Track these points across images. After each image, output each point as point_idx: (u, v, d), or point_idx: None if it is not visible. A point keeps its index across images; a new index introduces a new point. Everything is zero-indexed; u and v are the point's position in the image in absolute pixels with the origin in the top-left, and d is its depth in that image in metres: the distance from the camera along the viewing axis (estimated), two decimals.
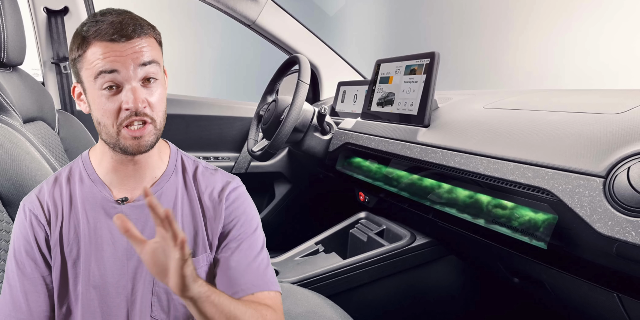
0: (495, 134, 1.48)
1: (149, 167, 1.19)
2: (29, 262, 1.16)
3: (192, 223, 1.21)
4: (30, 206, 1.19)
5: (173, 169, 1.23)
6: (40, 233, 1.17)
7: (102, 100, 1.06)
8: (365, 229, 2.25)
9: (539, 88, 2.03)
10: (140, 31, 1.07)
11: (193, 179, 1.24)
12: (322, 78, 3.15)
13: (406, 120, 1.88)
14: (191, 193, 1.23)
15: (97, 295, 1.17)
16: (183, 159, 1.27)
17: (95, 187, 1.19)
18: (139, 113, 1.06)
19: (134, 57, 1.05)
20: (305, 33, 3.02)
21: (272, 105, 2.42)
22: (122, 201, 1.18)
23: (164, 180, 1.21)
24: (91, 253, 1.17)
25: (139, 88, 1.05)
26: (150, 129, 1.09)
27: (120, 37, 1.04)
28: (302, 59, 2.28)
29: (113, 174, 1.18)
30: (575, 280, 1.24)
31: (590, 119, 1.29)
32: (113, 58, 1.04)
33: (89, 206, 1.18)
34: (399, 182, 1.82)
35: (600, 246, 1.09)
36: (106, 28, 1.04)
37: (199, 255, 1.20)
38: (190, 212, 1.22)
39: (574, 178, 1.15)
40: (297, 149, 2.53)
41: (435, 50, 1.81)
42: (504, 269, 1.63)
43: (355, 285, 1.95)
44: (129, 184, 1.19)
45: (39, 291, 1.17)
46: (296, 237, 1.72)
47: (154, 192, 1.19)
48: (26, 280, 1.16)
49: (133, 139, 1.08)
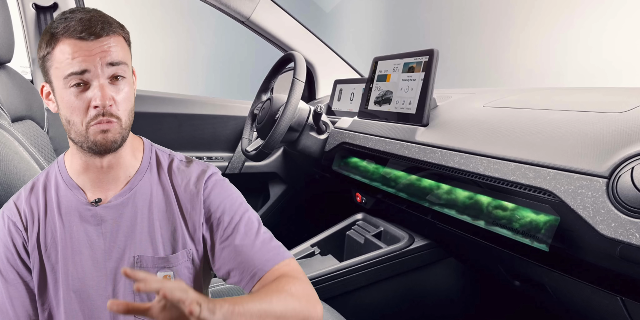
0: (495, 133, 1.48)
1: (122, 167, 1.21)
2: (11, 268, 1.20)
3: (168, 219, 1.22)
4: (8, 213, 1.22)
5: (147, 166, 1.25)
6: (18, 239, 1.20)
7: (70, 98, 1.08)
8: (362, 230, 2.25)
9: (541, 86, 2.03)
10: (109, 29, 1.08)
11: (168, 174, 1.26)
12: (318, 76, 3.14)
13: (404, 119, 1.88)
14: (166, 188, 1.24)
15: (79, 298, 1.19)
16: (157, 154, 1.29)
17: (70, 191, 1.21)
18: (106, 113, 1.07)
19: (102, 56, 1.06)
20: (300, 30, 3.01)
21: (267, 104, 2.42)
22: (96, 202, 1.19)
23: (138, 178, 1.23)
24: (69, 257, 1.19)
25: (106, 85, 1.07)
26: (115, 127, 1.10)
27: (89, 35, 1.05)
28: (297, 57, 2.28)
29: (85, 175, 1.20)
30: (578, 284, 1.24)
31: (593, 118, 1.29)
32: (82, 58, 1.05)
33: (65, 210, 1.20)
34: (397, 183, 1.82)
35: (603, 248, 1.09)
36: (74, 25, 1.06)
37: (178, 252, 1.22)
38: (166, 208, 1.23)
39: (576, 178, 1.15)
40: (292, 149, 2.53)
41: (434, 48, 1.81)
42: (504, 271, 1.63)
43: (352, 288, 1.95)
44: (103, 185, 1.21)
45: (23, 296, 1.20)
46: (291, 239, 1.71)
47: (128, 191, 1.21)
48: (10, 286, 1.19)
49: (101, 132, 1.09)
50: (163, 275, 1.20)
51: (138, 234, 1.20)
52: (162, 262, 1.21)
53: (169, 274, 1.21)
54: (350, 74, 3.13)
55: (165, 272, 1.21)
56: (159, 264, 1.21)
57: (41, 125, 2.04)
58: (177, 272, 1.22)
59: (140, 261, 1.20)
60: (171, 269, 1.21)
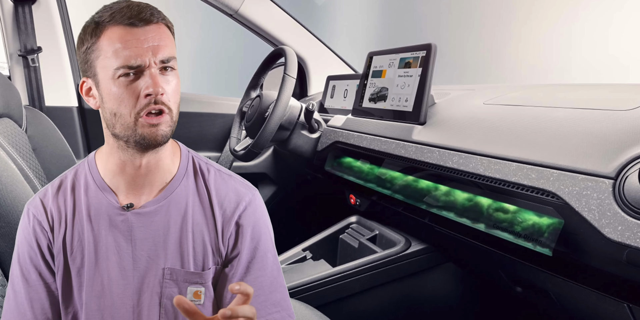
0: (496, 132, 1.48)
1: (160, 170, 1.20)
2: (33, 269, 1.19)
3: (204, 231, 1.22)
4: (34, 211, 1.21)
5: (184, 173, 1.24)
6: (43, 239, 1.19)
7: (120, 88, 1.07)
8: (356, 234, 2.24)
9: (544, 82, 2.03)
10: (159, 16, 1.10)
11: (205, 184, 1.25)
12: (310, 72, 3.14)
13: (400, 117, 1.87)
14: (203, 199, 1.24)
15: (102, 305, 1.19)
16: (194, 161, 1.28)
17: (101, 193, 1.20)
18: (158, 101, 1.07)
19: (155, 52, 1.07)
20: (291, 23, 3.01)
21: (256, 101, 2.41)
22: (128, 207, 1.18)
23: (174, 185, 1.22)
24: (95, 262, 1.19)
25: (158, 74, 1.07)
26: (167, 119, 1.10)
27: (138, 20, 1.06)
28: (288, 51, 2.28)
29: (120, 177, 1.19)
30: (583, 290, 1.24)
31: (598, 116, 1.29)
32: (134, 52, 1.05)
33: (94, 213, 1.19)
34: (393, 184, 1.81)
35: (609, 253, 1.09)
36: (122, 10, 1.07)
37: (210, 269, 1.22)
38: (203, 219, 1.23)
39: (581, 179, 1.15)
40: (282, 148, 2.53)
41: (431, 42, 1.80)
42: (505, 277, 1.63)
43: (345, 295, 1.95)
44: (137, 189, 1.20)
45: (42, 299, 1.20)
46: (282, 242, 1.71)
47: (163, 198, 1.20)
48: (30, 288, 1.19)
49: (150, 126, 1.08)
50: (194, 291, 1.20)
51: (169, 245, 1.20)
52: (194, 277, 1.21)
53: (200, 290, 1.21)
54: (343, 69, 3.13)
55: (196, 287, 1.21)
56: (191, 278, 1.21)
57: (19, 123, 2.03)
58: (208, 288, 1.22)
59: (171, 274, 1.20)
60: (203, 285, 1.22)
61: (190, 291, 1.20)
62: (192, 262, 1.20)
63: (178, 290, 1.19)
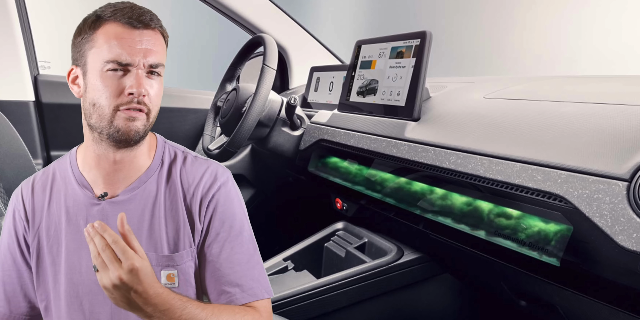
0: (498, 129, 1.49)
1: (134, 167, 1.37)
2: (9, 255, 1.41)
3: (173, 218, 1.38)
4: (15, 200, 1.42)
5: (159, 164, 1.41)
6: (20, 228, 1.40)
7: (105, 80, 1.23)
8: (343, 242, 2.25)
9: (550, 74, 2.04)
10: (157, 23, 1.28)
11: (180, 171, 1.42)
12: (292, 62, 3.15)
13: (392, 113, 1.88)
14: (174, 186, 1.40)
15: (80, 292, 1.36)
16: (170, 151, 1.45)
17: (77, 185, 1.37)
18: (140, 101, 1.24)
19: (146, 55, 1.24)
20: (271, 9, 3.02)
21: (232, 95, 2.41)
22: (102, 196, 1.36)
23: (147, 175, 1.39)
24: (73, 251, 1.36)
25: (143, 76, 1.25)
26: (143, 117, 1.26)
27: (137, 22, 1.24)
28: (267, 40, 2.28)
29: (96, 171, 1.36)
30: (594, 304, 1.24)
31: (611, 111, 1.30)
32: (127, 51, 1.22)
33: (71, 203, 1.37)
34: (384, 187, 1.81)
35: (623, 262, 1.09)
36: (125, 9, 1.24)
37: (182, 251, 1.38)
38: (171, 206, 1.39)
39: (592, 181, 1.15)
40: (261, 147, 2.53)
41: (426, 29, 1.80)
42: (508, 290, 1.64)
43: (331, 309, 1.95)
44: (112, 182, 1.37)
45: (14, 284, 1.42)
46: (261, 251, 1.70)
47: (137, 187, 1.37)
48: (3, 271, 1.41)
49: (126, 119, 1.24)
50: (167, 274, 1.36)
51: (142, 232, 1.36)
52: (165, 261, 1.36)
53: (173, 273, 1.37)
54: (329, 60, 3.14)
55: (169, 270, 1.37)
56: (163, 262, 1.36)
57: None
58: (180, 271, 1.38)
59: None
60: (175, 268, 1.37)
61: (163, 275, 1.36)
62: (165, 247, 1.36)
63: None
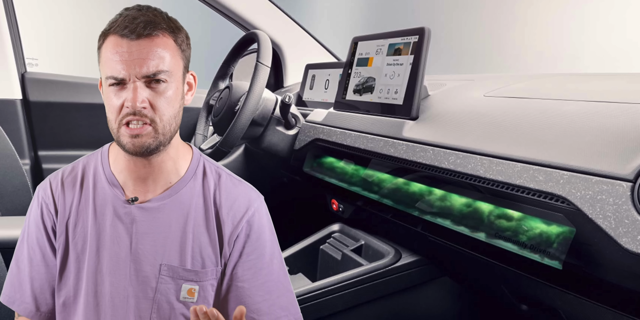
0: (498, 128, 1.49)
1: (162, 172, 1.39)
2: (38, 250, 1.43)
3: (206, 233, 1.41)
4: (42, 194, 1.44)
5: (192, 176, 1.44)
6: (48, 221, 1.42)
7: (109, 95, 1.27)
8: (339, 244, 2.24)
9: (552, 72, 2.04)
10: (153, 29, 1.26)
11: (214, 189, 1.44)
12: (287, 60, 3.15)
13: (389, 112, 1.87)
14: (208, 203, 1.42)
15: (99, 292, 1.39)
16: (205, 166, 1.47)
17: (108, 184, 1.41)
18: (138, 113, 1.25)
19: (140, 65, 1.24)
20: (265, 4, 3.02)
21: (225, 93, 2.41)
22: (132, 201, 1.38)
23: (180, 185, 1.41)
24: (96, 250, 1.39)
25: (140, 87, 1.25)
26: (149, 131, 1.27)
27: (130, 32, 1.24)
28: (261, 36, 2.28)
29: (127, 173, 1.39)
30: (597, 308, 1.24)
31: (615, 110, 1.30)
32: (120, 65, 1.23)
33: (100, 202, 1.40)
34: (381, 188, 1.81)
35: (627, 266, 1.09)
36: (121, 21, 1.25)
37: (208, 269, 1.41)
38: (204, 222, 1.42)
39: (595, 182, 1.15)
40: (255, 147, 2.53)
41: (425, 26, 1.80)
42: (509, 293, 1.63)
43: (326, 313, 1.95)
44: (142, 185, 1.40)
45: (42, 279, 1.43)
46: None
47: (168, 196, 1.40)
48: (33, 267, 1.43)
49: (131, 137, 1.27)
50: (188, 288, 1.39)
51: (169, 243, 1.39)
52: (190, 275, 1.39)
53: (195, 288, 1.40)
54: (324, 57, 3.13)
55: (191, 284, 1.40)
56: (187, 276, 1.39)
57: None
58: (202, 287, 1.41)
59: (168, 270, 1.39)
60: (197, 284, 1.40)
61: (184, 288, 1.39)
62: (189, 261, 1.39)
63: (173, 287, 1.38)
